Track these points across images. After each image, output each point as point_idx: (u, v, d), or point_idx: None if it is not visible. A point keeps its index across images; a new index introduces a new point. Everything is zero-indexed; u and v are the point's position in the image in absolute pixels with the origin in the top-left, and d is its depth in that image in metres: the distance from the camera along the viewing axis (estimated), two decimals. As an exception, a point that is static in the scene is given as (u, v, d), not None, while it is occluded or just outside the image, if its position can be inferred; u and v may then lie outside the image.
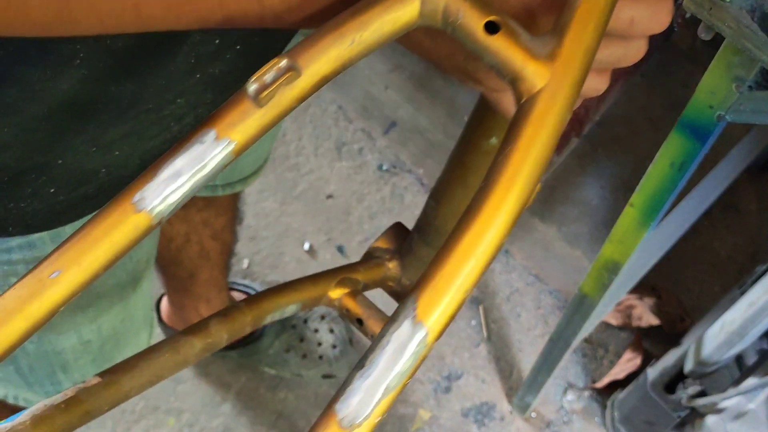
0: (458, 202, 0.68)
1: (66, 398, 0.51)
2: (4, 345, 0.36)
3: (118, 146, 0.56)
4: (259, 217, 1.64)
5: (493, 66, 0.39)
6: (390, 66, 1.71)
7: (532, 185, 0.37)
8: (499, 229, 0.36)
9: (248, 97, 0.38)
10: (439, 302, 0.35)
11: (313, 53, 0.38)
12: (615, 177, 1.65)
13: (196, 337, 0.60)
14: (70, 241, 0.37)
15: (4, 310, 0.36)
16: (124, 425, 1.46)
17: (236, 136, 0.38)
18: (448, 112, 1.70)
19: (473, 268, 0.35)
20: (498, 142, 0.60)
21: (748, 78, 0.72)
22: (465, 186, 0.66)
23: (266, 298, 0.65)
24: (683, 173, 0.86)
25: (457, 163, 0.65)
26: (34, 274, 0.36)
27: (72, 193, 0.58)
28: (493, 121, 0.59)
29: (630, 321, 1.57)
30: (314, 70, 0.38)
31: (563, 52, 0.38)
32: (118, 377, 0.55)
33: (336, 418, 0.33)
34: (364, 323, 0.68)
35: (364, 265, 0.75)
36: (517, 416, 1.51)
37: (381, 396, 0.34)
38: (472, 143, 0.62)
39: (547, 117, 0.37)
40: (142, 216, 0.37)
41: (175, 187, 0.37)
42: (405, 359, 0.34)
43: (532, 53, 0.38)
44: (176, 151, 0.38)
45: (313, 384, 1.50)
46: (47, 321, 0.37)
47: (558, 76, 0.38)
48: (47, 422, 0.49)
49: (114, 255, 0.37)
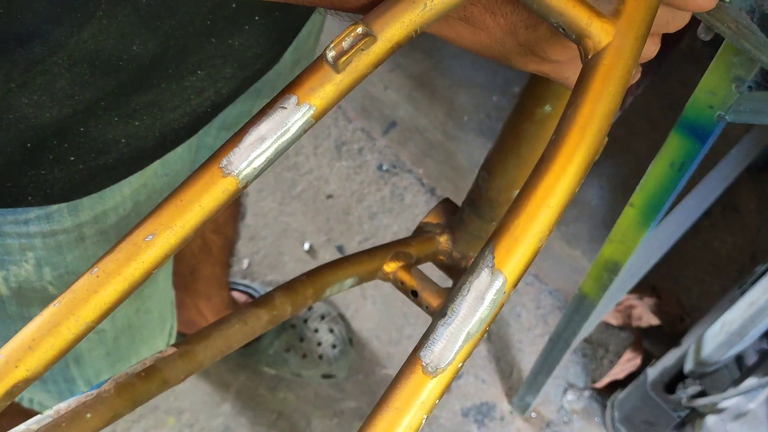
0: (511, 173, 0.69)
1: (145, 367, 0.55)
2: (106, 305, 0.38)
3: (139, 116, 0.57)
4: (259, 216, 1.64)
5: (560, 25, 0.41)
6: (389, 66, 1.71)
7: (601, 137, 0.38)
8: (570, 178, 0.38)
9: (327, 63, 0.39)
10: (516, 251, 0.36)
11: (387, 19, 0.40)
12: (614, 177, 1.65)
13: (262, 309, 0.65)
14: (162, 206, 0.39)
15: (103, 272, 0.38)
16: (124, 425, 1.46)
17: (316, 101, 0.40)
18: (448, 112, 1.70)
19: (547, 216, 0.37)
20: (552, 109, 0.61)
21: (748, 78, 0.72)
22: (518, 156, 0.67)
23: (326, 272, 0.69)
24: (683, 173, 0.86)
25: (510, 133, 0.67)
26: (130, 239, 0.38)
27: (91, 163, 0.58)
28: (547, 89, 0.61)
29: (630, 321, 1.57)
30: (389, 35, 0.40)
31: (627, 9, 0.40)
32: (192, 347, 0.59)
33: (420, 363, 0.35)
34: (419, 295, 0.71)
35: (416, 240, 0.77)
36: (517, 416, 1.51)
37: (463, 342, 0.35)
38: (526, 112, 0.64)
39: (613, 71, 0.39)
40: (230, 180, 0.39)
41: (260, 151, 0.39)
42: (485, 306, 0.35)
43: (597, 11, 0.40)
44: (260, 116, 0.40)
45: (313, 384, 1.50)
46: (143, 282, 0.38)
47: (622, 32, 0.40)
48: (129, 389, 0.53)
49: (204, 218, 0.39)
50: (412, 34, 0.40)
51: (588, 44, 0.40)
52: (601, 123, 0.38)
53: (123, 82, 0.52)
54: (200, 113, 0.60)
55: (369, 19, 0.40)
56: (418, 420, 0.34)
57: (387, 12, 0.40)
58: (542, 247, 0.37)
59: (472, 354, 1.55)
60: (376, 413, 0.34)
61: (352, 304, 1.57)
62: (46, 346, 0.37)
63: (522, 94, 0.63)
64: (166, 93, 0.56)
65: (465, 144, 1.70)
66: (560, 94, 0.60)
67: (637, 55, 0.40)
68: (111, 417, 0.51)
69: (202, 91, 0.58)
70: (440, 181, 1.68)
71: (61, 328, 0.37)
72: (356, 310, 1.57)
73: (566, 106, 0.39)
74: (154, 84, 0.55)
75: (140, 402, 0.53)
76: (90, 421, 0.50)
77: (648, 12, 0.41)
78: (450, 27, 0.48)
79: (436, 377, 0.35)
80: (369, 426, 0.34)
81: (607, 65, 0.39)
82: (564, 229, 1.60)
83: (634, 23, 0.40)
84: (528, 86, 0.62)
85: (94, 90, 0.52)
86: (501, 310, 0.36)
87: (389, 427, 0.34)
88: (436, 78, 1.71)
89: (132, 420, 1.46)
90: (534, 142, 0.65)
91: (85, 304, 0.37)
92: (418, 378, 0.35)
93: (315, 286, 0.67)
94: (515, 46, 0.47)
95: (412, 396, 0.34)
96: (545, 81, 0.60)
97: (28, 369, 0.36)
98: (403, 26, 0.40)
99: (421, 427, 0.34)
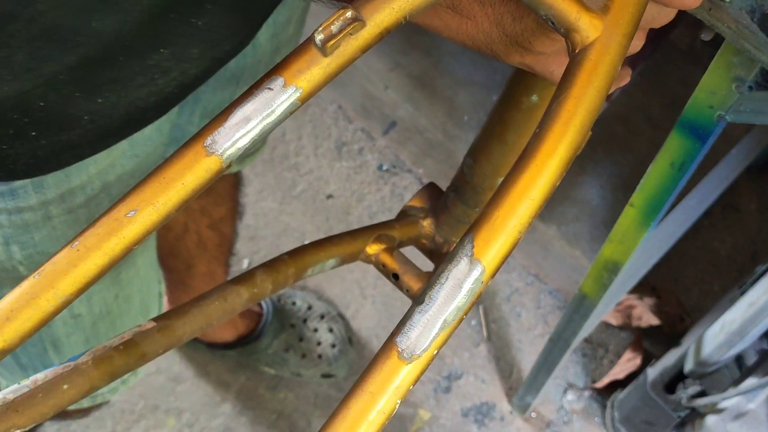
0: (496, 160, 0.69)
1: (123, 341, 0.55)
2: (85, 279, 0.38)
3: (102, 92, 0.56)
4: (259, 216, 1.64)
5: (548, 17, 0.41)
6: (389, 65, 1.71)
7: (584, 131, 0.39)
8: (552, 172, 0.38)
9: (315, 46, 0.40)
10: (496, 241, 0.37)
11: (377, 4, 0.40)
12: (615, 177, 1.64)
13: (243, 286, 0.64)
14: (144, 183, 0.39)
15: (84, 246, 0.38)
16: (124, 425, 1.46)
17: (303, 84, 0.40)
18: (448, 112, 1.70)
19: (528, 208, 0.37)
20: (538, 99, 0.62)
21: (748, 78, 0.72)
22: (503, 143, 0.67)
23: (308, 252, 0.69)
24: (683, 173, 0.86)
25: (496, 121, 0.67)
26: (111, 214, 0.38)
27: (54, 138, 0.58)
28: (535, 79, 0.61)
29: (630, 321, 1.57)
30: (378, 20, 0.40)
31: (615, 5, 0.41)
32: (172, 322, 0.59)
33: (396, 349, 0.35)
34: (401, 278, 0.71)
35: (400, 223, 0.78)
36: (517, 416, 1.50)
37: (439, 330, 0.36)
38: (513, 100, 0.64)
39: (599, 67, 0.40)
40: (213, 159, 0.39)
41: (244, 131, 0.39)
42: (462, 295, 0.36)
43: (586, 5, 0.41)
44: (246, 97, 0.40)
45: (313, 383, 1.50)
46: (123, 257, 0.39)
47: (610, 28, 0.40)
48: (107, 362, 0.53)
49: (186, 196, 0.39)
50: (401, 20, 0.40)
51: (576, 38, 0.40)
52: (585, 118, 0.39)
53: (83, 57, 0.52)
54: (167, 93, 0.60)
55: (359, 3, 0.40)
56: (391, 405, 0.35)
57: None
58: (521, 238, 0.37)
59: (473, 354, 1.55)
60: (350, 397, 0.35)
61: (352, 304, 1.57)
62: (24, 317, 0.36)
63: (509, 83, 0.63)
64: (128, 70, 0.56)
65: (465, 143, 1.70)
66: (547, 84, 0.61)
67: (624, 51, 0.41)
68: (88, 389, 0.51)
69: (168, 70, 0.58)
70: (440, 180, 1.67)
71: (39, 300, 0.37)
72: (356, 310, 1.57)
73: (551, 99, 0.40)
74: (117, 61, 0.54)
75: (117, 375, 0.53)
76: (67, 392, 0.50)
77: (636, 9, 0.41)
78: (437, 16, 0.48)
79: (411, 363, 0.35)
80: (343, 409, 0.34)
81: (594, 60, 0.40)
82: (564, 229, 1.60)
83: (623, 20, 0.41)
84: (515, 75, 0.62)
85: (54, 64, 0.51)
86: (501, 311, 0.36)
87: (363, 411, 0.34)
88: (435, 77, 1.71)
89: (132, 420, 1.46)
90: (520, 131, 0.65)
91: (65, 277, 0.37)
92: (393, 363, 0.35)
93: (296, 266, 0.67)
94: (501, 36, 0.47)
95: (387, 381, 0.35)
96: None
97: (5, 340, 0.36)
98: (392, 12, 0.40)
99: (395, 411, 0.35)
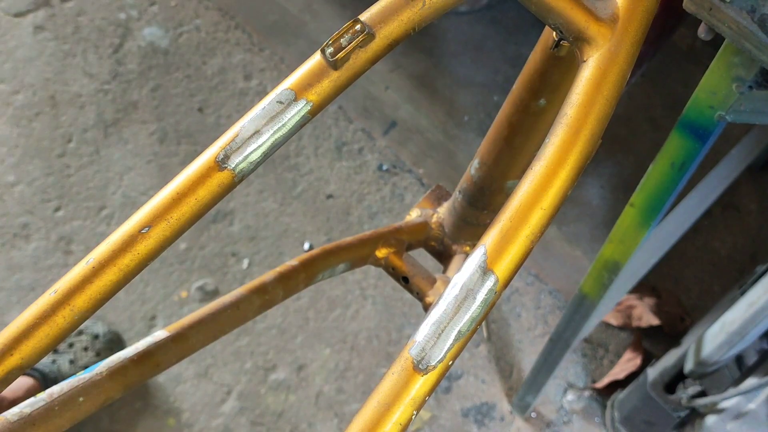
0: (504, 163, 0.69)
1: (137, 351, 0.54)
2: (101, 295, 0.38)
3: None
4: (259, 217, 1.64)
5: (557, 26, 0.41)
6: (390, 66, 1.71)
7: (595, 140, 0.39)
8: (563, 181, 0.38)
9: (325, 60, 0.40)
10: (508, 251, 0.37)
11: (386, 16, 0.40)
12: (615, 177, 1.65)
13: (255, 294, 0.65)
14: (157, 198, 0.39)
15: (98, 262, 0.38)
16: (124, 424, 1.45)
17: (313, 97, 0.40)
18: (448, 112, 1.70)
19: (540, 218, 0.37)
20: (546, 103, 0.62)
21: (748, 78, 0.72)
22: (511, 146, 0.68)
23: (318, 257, 0.70)
24: (683, 173, 0.86)
25: (504, 124, 0.67)
26: (125, 230, 0.39)
27: None
28: (542, 83, 0.61)
29: (630, 321, 1.57)
30: (387, 32, 0.40)
31: (624, 15, 0.41)
32: (185, 331, 0.59)
33: (412, 360, 0.36)
34: (410, 281, 0.72)
35: (408, 226, 0.78)
36: (517, 416, 1.50)
37: (454, 340, 0.36)
38: (521, 104, 0.64)
39: (608, 76, 0.40)
40: (226, 174, 0.40)
41: (256, 146, 0.40)
42: (476, 305, 0.36)
43: (595, 15, 0.41)
44: (256, 111, 0.40)
45: (314, 384, 1.50)
46: (138, 273, 0.39)
47: (619, 37, 0.41)
48: (121, 373, 0.54)
49: (199, 210, 0.40)
50: (410, 31, 0.40)
51: (585, 47, 0.41)
52: (595, 127, 0.39)
53: None
54: None
55: (368, 16, 0.40)
56: (407, 415, 0.35)
57: (386, 9, 0.40)
58: (534, 248, 0.37)
59: (473, 354, 1.55)
60: (366, 408, 0.34)
61: (353, 304, 1.57)
62: (41, 334, 0.37)
63: (517, 87, 0.64)
64: None
65: (465, 144, 1.70)
66: (555, 88, 0.61)
67: (632, 60, 0.41)
68: (103, 400, 0.52)
69: None
70: (440, 180, 1.68)
71: (56, 317, 0.37)
72: (356, 310, 1.57)
73: (561, 108, 0.39)
74: None
75: (133, 386, 0.54)
76: (82, 405, 0.50)
77: (645, 18, 0.41)
78: None
79: (427, 374, 0.35)
80: (359, 420, 0.34)
81: (603, 69, 0.40)
82: (564, 229, 1.60)
83: (631, 29, 0.41)
84: (523, 79, 0.63)
85: None
86: (501, 311, 0.36)
87: (379, 422, 0.34)
88: (436, 78, 1.71)
89: (132, 420, 1.46)
90: (527, 134, 0.66)
91: (80, 294, 0.37)
92: (408, 375, 0.35)
93: (307, 272, 0.68)
94: None
95: (402, 392, 0.35)
96: (541, 75, 0.60)
97: (23, 357, 0.37)
98: (401, 24, 0.40)
99: (411, 422, 0.35)
